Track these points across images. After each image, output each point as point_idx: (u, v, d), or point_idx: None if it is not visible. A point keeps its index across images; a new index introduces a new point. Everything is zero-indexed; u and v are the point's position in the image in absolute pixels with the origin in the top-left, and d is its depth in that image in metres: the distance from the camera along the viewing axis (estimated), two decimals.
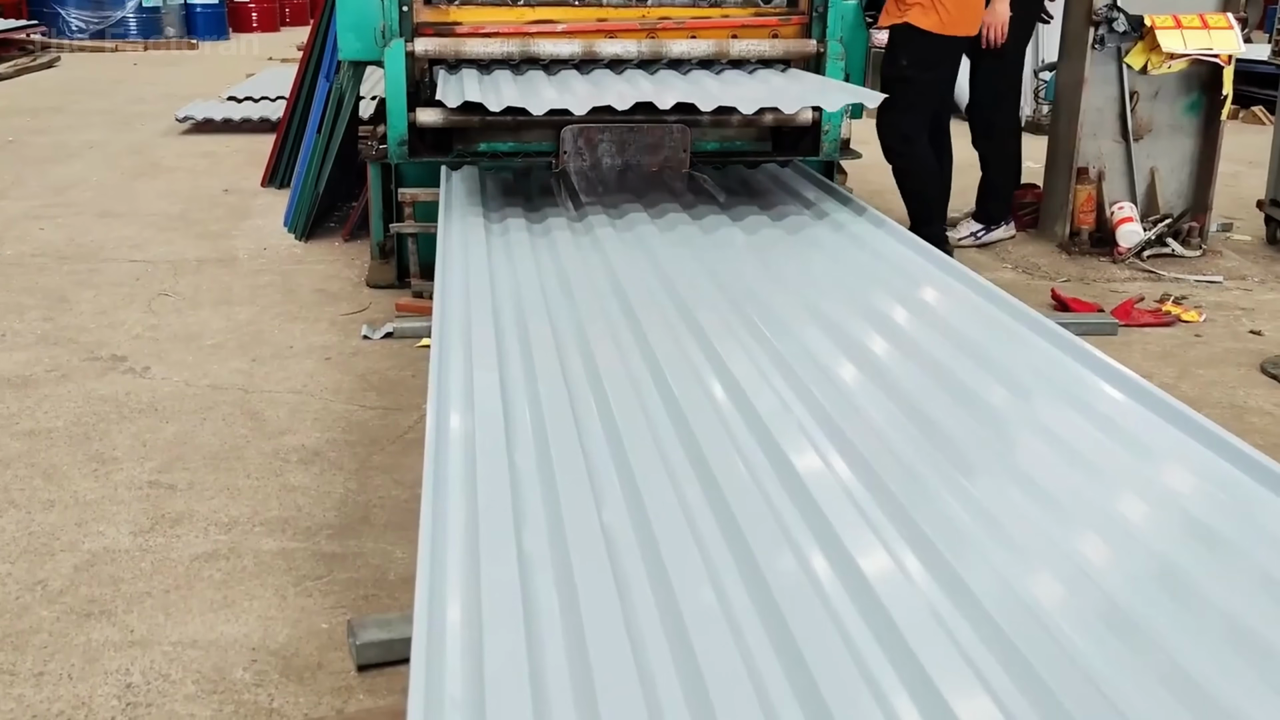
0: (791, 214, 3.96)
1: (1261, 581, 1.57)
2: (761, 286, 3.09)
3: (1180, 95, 5.31)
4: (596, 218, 3.76)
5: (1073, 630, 1.45)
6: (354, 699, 2.19)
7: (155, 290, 4.69)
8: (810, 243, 3.63)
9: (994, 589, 1.53)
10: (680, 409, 2.20)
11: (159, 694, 2.18)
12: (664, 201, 3.99)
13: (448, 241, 3.47)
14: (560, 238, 3.59)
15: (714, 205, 4.05)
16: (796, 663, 1.40)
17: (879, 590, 1.54)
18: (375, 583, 2.59)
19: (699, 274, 3.22)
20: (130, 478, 3.06)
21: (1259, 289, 4.95)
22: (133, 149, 7.72)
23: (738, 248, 3.55)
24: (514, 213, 3.89)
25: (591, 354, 2.53)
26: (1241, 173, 6.90)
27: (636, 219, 3.72)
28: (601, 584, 1.54)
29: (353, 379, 3.79)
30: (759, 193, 4.35)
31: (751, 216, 3.91)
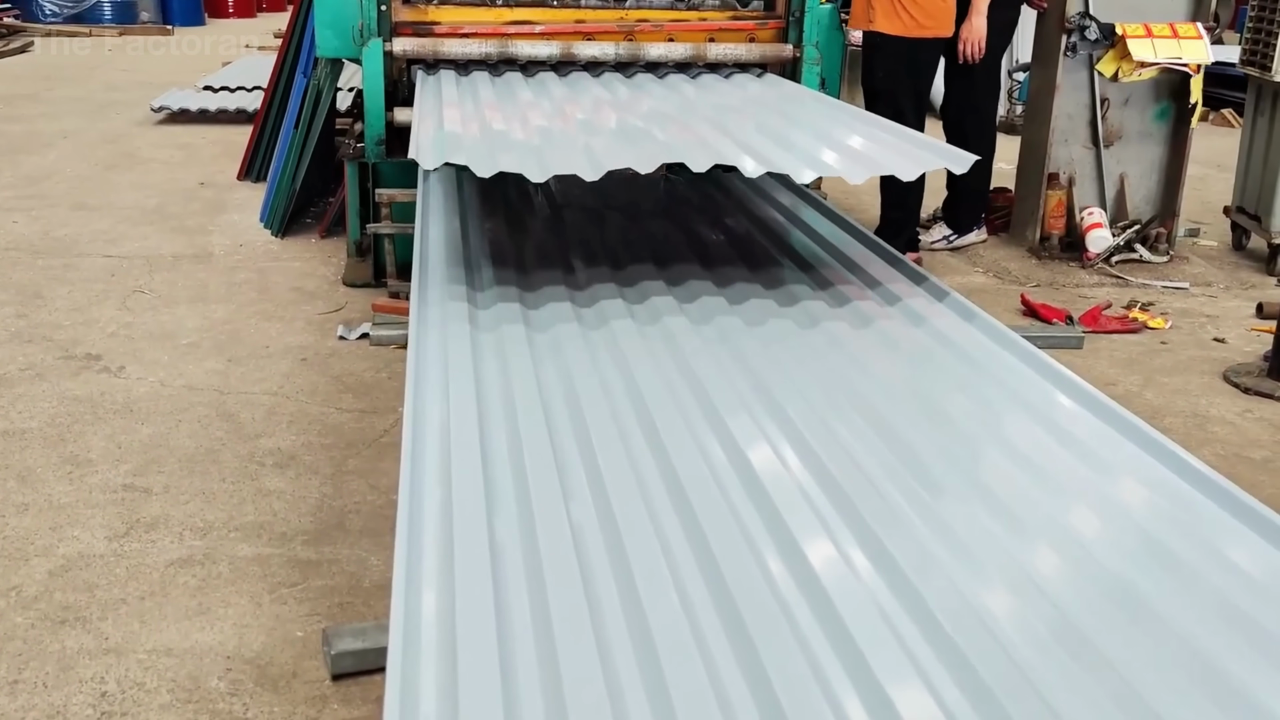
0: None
1: (1215, 602, 1.62)
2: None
3: (1150, 103, 5.38)
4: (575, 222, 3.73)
5: (1024, 643, 1.49)
6: (328, 709, 2.22)
7: (130, 287, 4.69)
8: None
9: (950, 601, 1.57)
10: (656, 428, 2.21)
11: (134, 703, 2.21)
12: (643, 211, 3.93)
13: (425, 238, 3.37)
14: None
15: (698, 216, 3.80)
16: (760, 679, 1.45)
17: (831, 592, 1.60)
18: (350, 590, 2.62)
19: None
20: (105, 481, 3.08)
21: (1223, 295, 5.04)
22: (107, 139, 7.68)
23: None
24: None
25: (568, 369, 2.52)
26: (1210, 176, 6.99)
27: (612, 219, 3.69)
28: (574, 602, 1.57)
29: (329, 380, 3.80)
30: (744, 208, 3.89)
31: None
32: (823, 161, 2.91)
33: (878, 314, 2.79)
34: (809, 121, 3.55)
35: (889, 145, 3.14)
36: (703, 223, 3.70)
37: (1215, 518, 1.86)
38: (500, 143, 3.13)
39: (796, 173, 2.77)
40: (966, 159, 2.92)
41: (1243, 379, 4.01)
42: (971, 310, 2.77)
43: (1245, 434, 3.64)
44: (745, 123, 3.48)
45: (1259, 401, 3.89)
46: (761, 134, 3.26)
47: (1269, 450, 3.52)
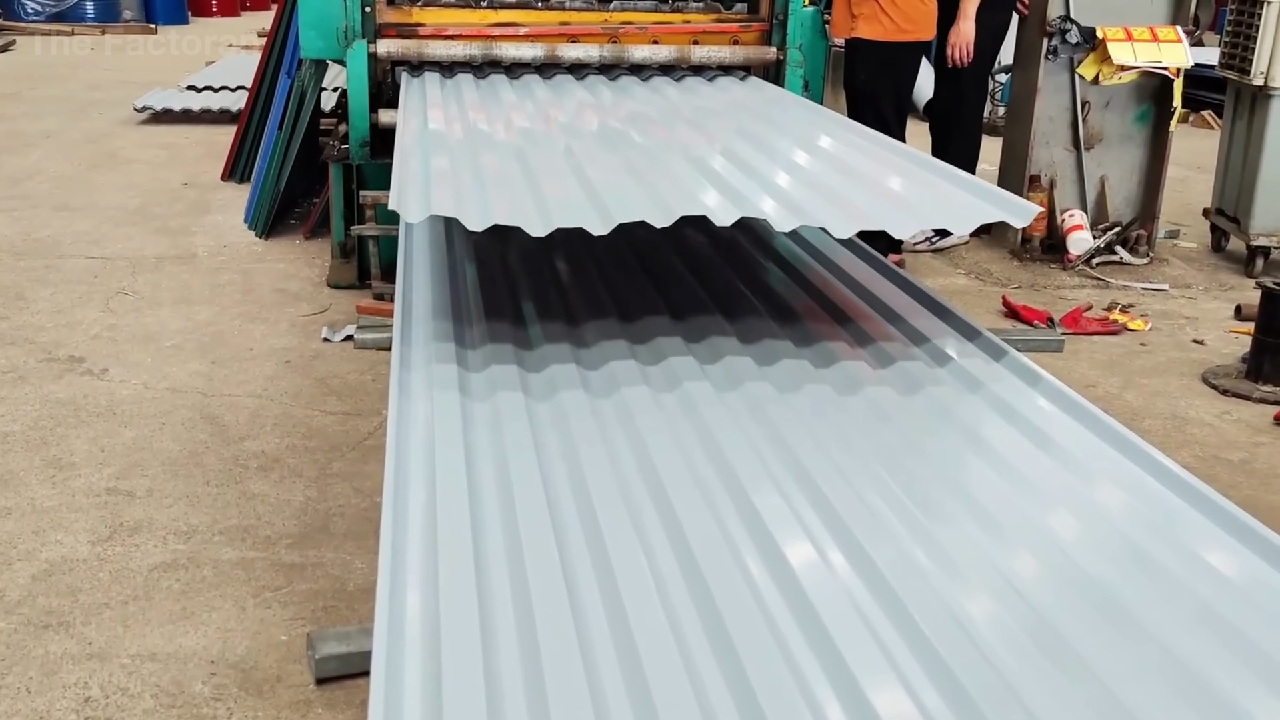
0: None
1: (1192, 606, 1.64)
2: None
3: (1130, 106, 5.42)
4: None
5: (1001, 646, 1.51)
6: (313, 713, 2.23)
7: (114, 288, 4.68)
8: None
9: (928, 604, 1.59)
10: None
11: (118, 708, 2.21)
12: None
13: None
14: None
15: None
16: (732, 662, 1.46)
17: (812, 595, 1.60)
18: (335, 594, 2.63)
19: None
20: (88, 484, 3.08)
21: (1203, 297, 5.08)
22: (90, 139, 7.66)
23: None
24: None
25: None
26: (1190, 178, 7.05)
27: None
28: (559, 613, 1.57)
29: (313, 383, 3.81)
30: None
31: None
32: (865, 212, 2.51)
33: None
34: (821, 149, 3.19)
35: (935, 189, 2.72)
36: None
37: (1193, 522, 1.88)
38: (492, 179, 2.69)
39: (837, 226, 2.39)
40: (1027, 210, 2.53)
41: (1221, 380, 4.05)
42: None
43: (1223, 435, 3.68)
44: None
45: (1237, 403, 3.92)
46: (787, 173, 2.84)
47: (1246, 452, 3.56)
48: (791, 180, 2.78)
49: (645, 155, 2.74)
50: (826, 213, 2.44)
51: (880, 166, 2.95)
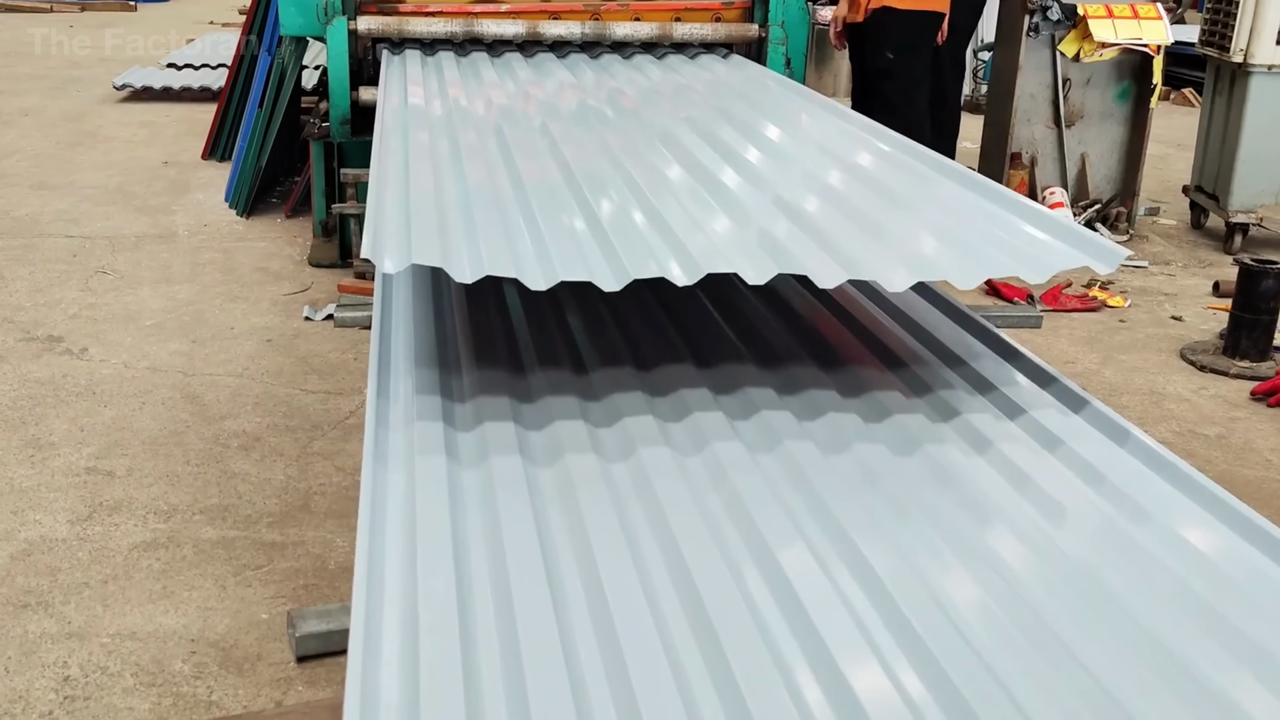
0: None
1: (1168, 584, 1.65)
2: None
3: (1111, 83, 5.44)
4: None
5: (982, 629, 1.51)
6: (293, 691, 2.24)
7: (93, 267, 4.66)
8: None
9: (910, 589, 1.58)
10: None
11: (97, 687, 2.22)
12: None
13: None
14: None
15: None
16: (714, 648, 1.45)
17: (793, 579, 1.56)
18: (316, 572, 2.64)
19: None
20: (67, 464, 3.07)
21: (1181, 274, 5.11)
22: (69, 117, 7.60)
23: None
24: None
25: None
26: (1170, 155, 7.07)
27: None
28: (537, 595, 1.54)
29: (294, 362, 3.80)
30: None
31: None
32: (922, 257, 2.15)
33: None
34: (850, 162, 2.83)
35: (990, 220, 2.36)
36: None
37: (1169, 497, 1.88)
38: (482, 223, 2.21)
39: (889, 278, 2.03)
40: (1113, 254, 2.13)
41: (1199, 356, 4.08)
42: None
43: (1200, 411, 3.70)
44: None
45: (1214, 379, 3.95)
46: (832, 206, 2.44)
47: (1222, 427, 3.59)
48: (841, 219, 2.35)
49: (714, 258, 2.06)
50: (878, 262, 2.07)
51: (919, 188, 2.58)
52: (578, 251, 2.06)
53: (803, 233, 2.22)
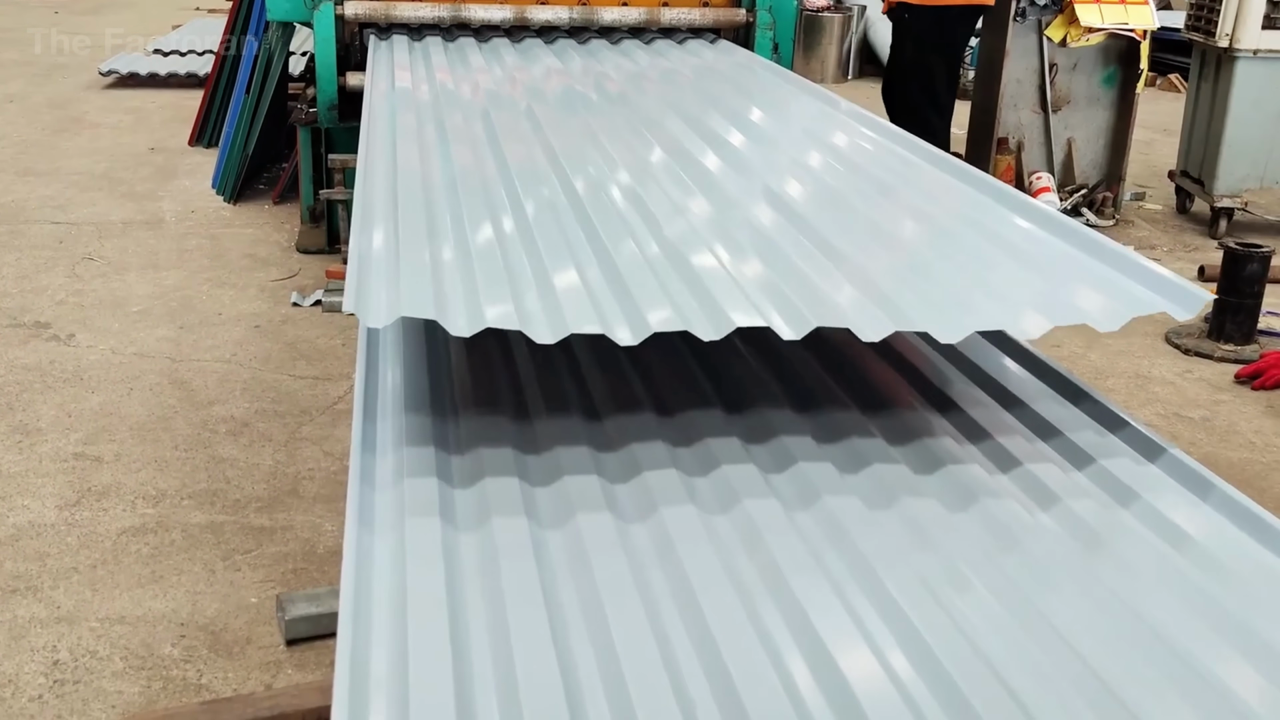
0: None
1: (1154, 561, 1.65)
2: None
3: (1098, 68, 5.46)
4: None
5: (972, 612, 1.50)
6: (282, 674, 2.25)
7: (79, 254, 4.65)
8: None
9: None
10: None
11: (87, 670, 2.23)
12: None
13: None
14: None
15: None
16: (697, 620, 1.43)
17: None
18: (304, 556, 2.65)
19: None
20: (55, 449, 3.07)
21: (1167, 258, 5.13)
22: (55, 103, 7.56)
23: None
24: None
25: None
26: (1156, 141, 7.09)
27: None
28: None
29: (282, 347, 3.81)
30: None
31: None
32: (977, 301, 1.88)
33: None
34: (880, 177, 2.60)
35: (1044, 252, 2.10)
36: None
37: (1155, 478, 1.87)
38: (482, 273, 1.91)
39: (944, 328, 1.78)
40: (1194, 298, 1.90)
41: (1183, 340, 4.10)
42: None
43: (1185, 394, 3.73)
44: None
45: (1198, 362, 3.98)
46: (859, 231, 2.21)
47: (1207, 410, 3.62)
48: (882, 249, 2.12)
49: (746, 310, 1.82)
50: (927, 316, 1.81)
51: (947, 204, 2.33)
52: (589, 300, 1.82)
53: (836, 269, 1.97)
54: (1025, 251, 2.09)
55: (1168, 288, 1.93)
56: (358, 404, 1.84)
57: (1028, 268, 2.02)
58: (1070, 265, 2.04)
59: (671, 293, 1.83)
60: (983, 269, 2.01)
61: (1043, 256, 2.07)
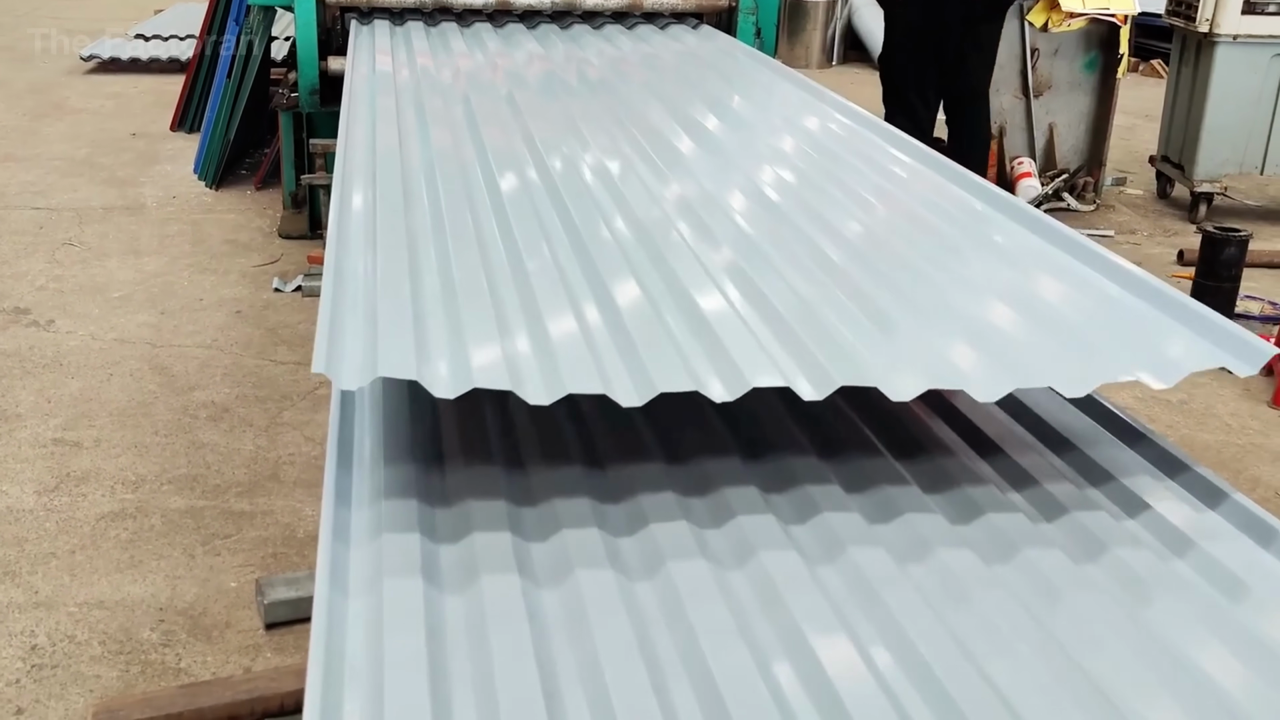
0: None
1: (1128, 542, 1.63)
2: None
3: (1079, 53, 5.47)
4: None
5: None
6: (261, 657, 2.26)
7: (60, 239, 4.63)
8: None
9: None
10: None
11: (65, 655, 2.23)
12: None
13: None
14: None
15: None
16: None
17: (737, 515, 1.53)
18: (284, 540, 2.65)
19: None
20: (34, 435, 3.07)
21: (1147, 243, 5.16)
22: (35, 88, 7.52)
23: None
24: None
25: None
26: (1138, 126, 7.11)
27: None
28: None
29: (263, 333, 3.80)
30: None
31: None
32: (1014, 355, 1.70)
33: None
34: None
35: (1090, 294, 1.91)
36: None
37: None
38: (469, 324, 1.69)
39: (983, 386, 1.61)
40: (1257, 352, 1.74)
41: None
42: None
43: None
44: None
45: None
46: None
47: (1184, 393, 3.64)
48: (869, 275, 1.94)
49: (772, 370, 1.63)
50: (963, 372, 1.65)
51: (976, 231, 2.16)
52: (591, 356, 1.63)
53: (855, 307, 1.81)
54: (1065, 292, 1.90)
55: (1227, 338, 1.75)
56: (331, 449, 1.64)
57: (1071, 311, 1.83)
58: (1119, 310, 1.86)
59: (681, 349, 1.64)
60: (1013, 312, 1.83)
61: (1087, 298, 1.89)
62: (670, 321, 1.72)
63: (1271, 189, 5.92)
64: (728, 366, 1.59)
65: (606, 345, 1.64)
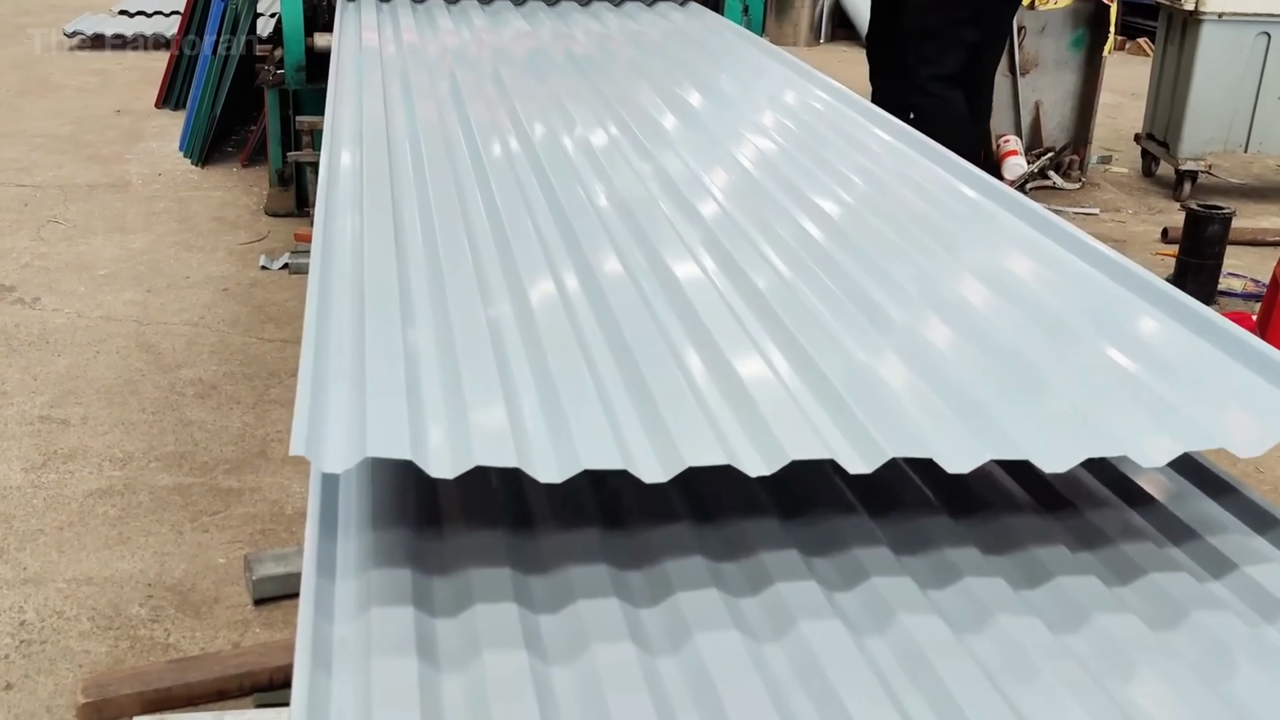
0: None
1: (1097, 364, 1.63)
2: None
3: (1066, 31, 5.48)
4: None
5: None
6: (250, 633, 2.27)
7: (45, 216, 4.62)
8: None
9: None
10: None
11: (54, 630, 2.24)
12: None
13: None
14: None
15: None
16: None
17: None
18: (273, 517, 2.66)
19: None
20: (21, 412, 3.07)
21: (1132, 221, 5.18)
22: (18, 64, 7.47)
23: None
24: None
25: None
26: (1124, 104, 7.13)
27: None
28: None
29: (250, 310, 3.80)
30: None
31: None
32: (1082, 423, 1.50)
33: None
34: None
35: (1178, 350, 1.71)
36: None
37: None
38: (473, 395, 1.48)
39: (1048, 456, 1.41)
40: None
41: None
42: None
43: None
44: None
45: None
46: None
47: None
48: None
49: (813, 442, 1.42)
50: (1027, 438, 1.45)
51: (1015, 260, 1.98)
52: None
53: (895, 353, 1.64)
54: (1136, 340, 1.72)
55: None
56: (312, 511, 1.41)
57: (1145, 364, 1.66)
58: (1199, 363, 1.68)
59: (716, 421, 1.44)
60: (1086, 367, 1.64)
61: (1165, 349, 1.71)
62: (703, 389, 1.52)
63: (1255, 167, 5.95)
64: (766, 438, 1.38)
65: (627, 413, 1.45)
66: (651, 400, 1.47)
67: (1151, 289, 1.83)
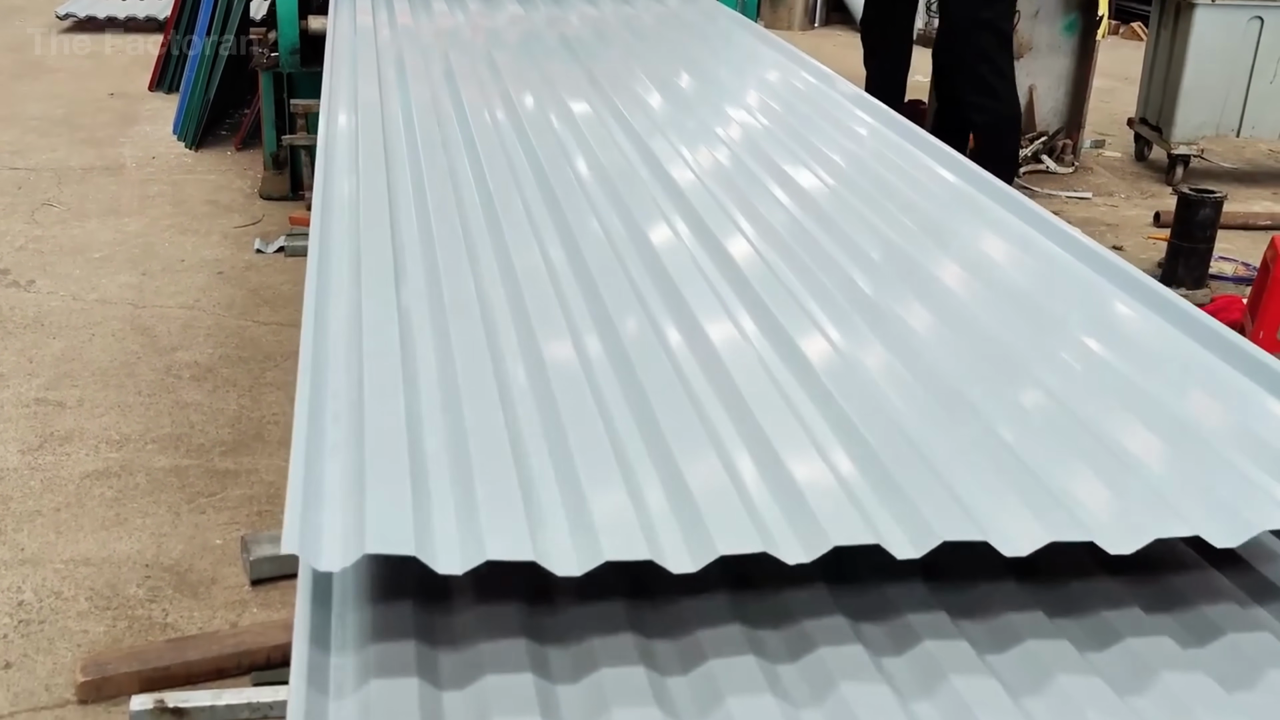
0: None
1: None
2: None
3: (1059, 15, 5.48)
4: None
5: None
6: (248, 613, 2.30)
7: (39, 200, 4.62)
8: None
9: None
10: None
11: (51, 611, 2.26)
12: None
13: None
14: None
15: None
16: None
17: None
18: (269, 499, 2.68)
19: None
20: (17, 395, 3.08)
21: (1124, 205, 5.20)
22: (10, 47, 7.44)
23: None
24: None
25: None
26: (1117, 89, 7.13)
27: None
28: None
29: (246, 294, 3.81)
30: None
31: None
32: (1161, 505, 1.33)
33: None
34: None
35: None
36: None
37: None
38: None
39: (1113, 537, 1.25)
40: None
41: None
42: None
43: None
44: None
45: None
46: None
47: None
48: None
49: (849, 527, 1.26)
50: (1092, 520, 1.29)
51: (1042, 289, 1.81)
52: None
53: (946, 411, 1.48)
54: (1203, 399, 1.55)
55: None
56: (303, 580, 1.19)
57: (1219, 428, 1.48)
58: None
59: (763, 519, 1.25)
60: (1151, 435, 1.46)
61: (1236, 411, 1.53)
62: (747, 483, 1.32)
63: (1248, 151, 5.97)
64: (808, 523, 1.24)
65: (662, 509, 1.26)
66: (688, 491, 1.29)
67: (1224, 342, 1.64)
